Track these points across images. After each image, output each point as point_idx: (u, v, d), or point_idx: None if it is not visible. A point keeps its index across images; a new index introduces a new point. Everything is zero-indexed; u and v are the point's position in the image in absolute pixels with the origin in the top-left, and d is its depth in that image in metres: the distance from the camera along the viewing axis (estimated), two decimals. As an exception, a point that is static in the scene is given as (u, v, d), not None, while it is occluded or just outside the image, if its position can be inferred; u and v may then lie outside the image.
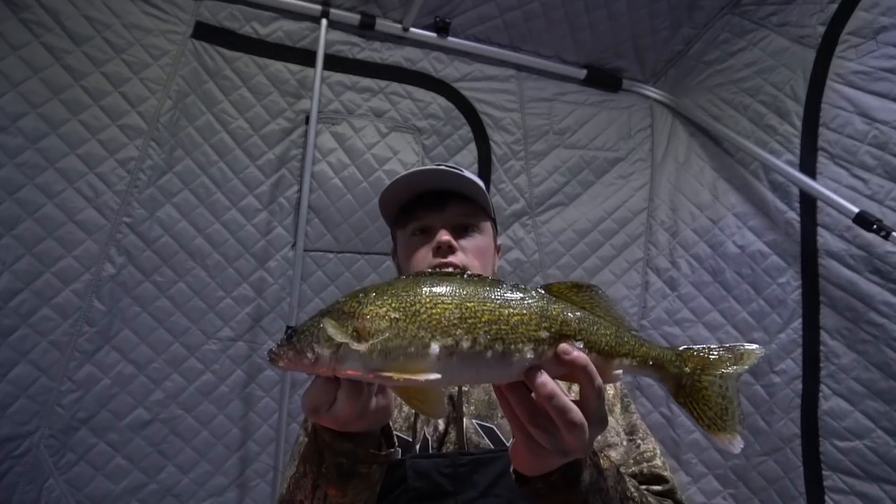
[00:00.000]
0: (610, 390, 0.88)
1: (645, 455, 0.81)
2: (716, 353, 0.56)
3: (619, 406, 0.87)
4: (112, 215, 1.41)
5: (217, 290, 1.53)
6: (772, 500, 1.54)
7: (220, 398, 1.53)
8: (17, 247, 1.31)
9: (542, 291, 0.55)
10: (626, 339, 0.55)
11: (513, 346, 0.51)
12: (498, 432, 0.81)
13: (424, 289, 0.52)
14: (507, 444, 0.79)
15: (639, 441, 0.83)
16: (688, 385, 0.56)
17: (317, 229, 1.62)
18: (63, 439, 1.37)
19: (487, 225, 0.96)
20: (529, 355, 0.51)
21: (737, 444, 0.54)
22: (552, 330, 0.52)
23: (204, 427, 1.52)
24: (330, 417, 0.55)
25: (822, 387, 1.47)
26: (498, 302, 0.52)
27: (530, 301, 0.53)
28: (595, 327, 0.54)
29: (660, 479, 0.78)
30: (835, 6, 1.44)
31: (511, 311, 0.52)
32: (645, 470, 0.79)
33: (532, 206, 1.83)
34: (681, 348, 0.57)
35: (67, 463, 1.38)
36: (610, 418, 0.84)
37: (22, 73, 1.32)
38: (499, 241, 1.02)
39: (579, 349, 0.52)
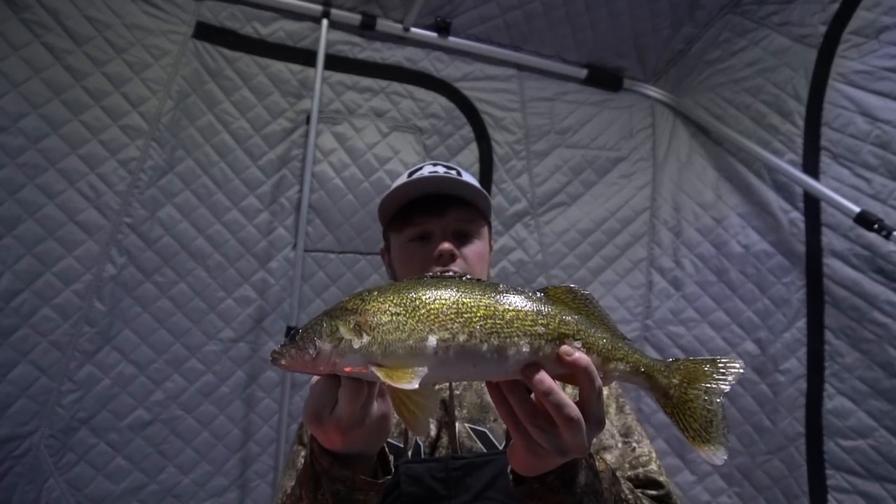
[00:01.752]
0: (605, 390, 0.87)
1: (640, 459, 0.80)
2: (701, 366, 0.58)
3: (613, 407, 0.86)
4: (113, 216, 1.41)
5: (218, 290, 1.53)
6: (776, 499, 1.53)
7: (220, 399, 1.53)
8: (18, 247, 1.31)
9: (540, 294, 0.57)
10: (620, 345, 0.57)
11: (508, 340, 0.52)
12: (490, 436, 0.80)
13: (424, 288, 0.54)
14: (500, 448, 0.79)
15: (634, 444, 0.82)
16: (675, 396, 0.57)
17: (318, 230, 1.61)
18: (63, 439, 1.37)
19: (485, 230, 0.94)
20: (526, 349, 0.52)
21: (719, 457, 0.55)
22: (549, 327, 0.54)
23: (204, 428, 1.52)
24: (332, 422, 0.55)
25: (827, 386, 1.47)
26: (494, 298, 0.54)
27: (527, 300, 0.55)
28: (592, 329, 0.56)
29: (656, 484, 0.78)
30: (836, 5, 1.43)
31: (507, 307, 0.54)
32: (641, 475, 0.79)
33: (534, 205, 1.82)
34: (670, 360, 0.59)
35: (67, 463, 1.38)
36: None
37: (23, 74, 1.32)
38: (492, 242, 1.01)
39: (580, 349, 0.53)
